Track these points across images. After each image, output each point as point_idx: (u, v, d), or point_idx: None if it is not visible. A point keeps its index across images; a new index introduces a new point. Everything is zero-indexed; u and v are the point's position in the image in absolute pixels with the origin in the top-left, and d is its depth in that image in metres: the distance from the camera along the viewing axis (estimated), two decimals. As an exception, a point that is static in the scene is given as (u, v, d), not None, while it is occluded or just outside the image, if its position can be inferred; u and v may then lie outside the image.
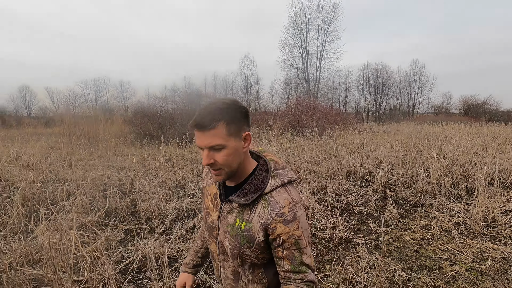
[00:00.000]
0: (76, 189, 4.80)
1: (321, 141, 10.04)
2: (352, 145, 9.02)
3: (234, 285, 1.04)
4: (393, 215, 3.97)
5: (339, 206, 4.45)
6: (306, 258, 0.92)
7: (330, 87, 32.47)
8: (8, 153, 8.54)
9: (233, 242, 0.95)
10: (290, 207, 0.89)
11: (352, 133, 12.37)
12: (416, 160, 6.49)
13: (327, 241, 3.35)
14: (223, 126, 0.84)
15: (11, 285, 2.40)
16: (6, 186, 5.13)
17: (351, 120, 17.17)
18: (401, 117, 31.68)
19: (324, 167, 6.36)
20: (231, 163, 0.88)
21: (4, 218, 3.70)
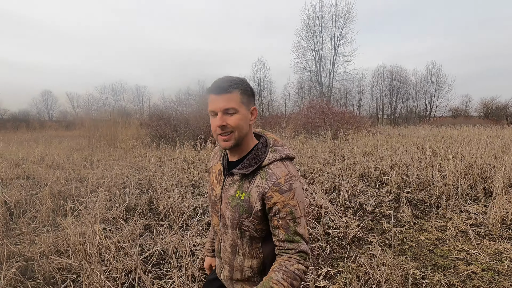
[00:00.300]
0: (97, 187, 5.03)
1: (334, 143, 10.02)
2: (366, 147, 8.96)
3: (231, 258, 1.08)
4: (407, 216, 3.96)
5: (352, 206, 4.46)
6: (300, 228, 0.96)
7: (344, 90, 32.21)
8: (33, 154, 9.00)
9: (233, 212, 1.01)
10: (286, 178, 0.95)
11: (366, 135, 12.25)
12: (431, 162, 6.39)
13: (340, 239, 3.39)
14: (238, 93, 0.95)
15: (42, 272, 2.58)
16: (34, 183, 5.43)
17: (365, 123, 16.98)
18: (417, 120, 30.99)
19: (337, 168, 6.37)
20: (241, 128, 0.96)
21: (33, 213, 3.95)
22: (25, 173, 6.19)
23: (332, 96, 26.55)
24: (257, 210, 0.96)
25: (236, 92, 0.95)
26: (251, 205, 0.97)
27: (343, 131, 11.49)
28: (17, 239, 3.32)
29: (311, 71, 26.60)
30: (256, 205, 0.96)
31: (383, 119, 34.21)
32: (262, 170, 0.97)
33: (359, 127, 15.39)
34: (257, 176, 0.97)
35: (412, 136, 13.46)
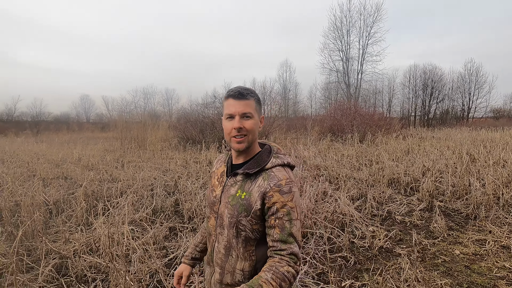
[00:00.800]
0: (127, 188, 5.27)
1: (361, 146, 9.68)
2: (395, 151, 8.56)
3: (224, 259, 1.10)
4: (440, 227, 3.71)
5: (379, 214, 4.28)
6: (295, 231, 1.00)
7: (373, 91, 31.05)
8: (71, 155, 9.64)
9: (232, 210, 1.06)
10: (287, 181, 1.02)
11: (396, 138, 11.71)
12: (469, 168, 5.95)
13: (366, 250, 3.26)
14: (254, 101, 1.07)
15: (75, 270, 2.74)
16: (71, 183, 5.81)
17: (395, 125, 16.24)
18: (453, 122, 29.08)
19: (364, 173, 6.15)
20: (254, 132, 1.06)
21: (69, 212, 4.22)
22: (63, 174, 6.64)
23: (360, 97, 25.71)
24: (256, 209, 1.02)
25: (252, 100, 1.06)
26: (251, 204, 1.02)
27: (371, 134, 11.07)
28: (55, 236, 3.56)
29: (338, 72, 25.99)
30: (256, 204, 1.02)
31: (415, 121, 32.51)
32: (265, 173, 1.05)
33: (389, 129, 14.76)
34: (260, 177, 1.05)
35: (447, 140, 12.65)
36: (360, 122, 13.21)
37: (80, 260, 2.82)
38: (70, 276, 2.69)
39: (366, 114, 15.20)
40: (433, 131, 20.60)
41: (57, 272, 2.77)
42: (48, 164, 7.58)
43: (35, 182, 5.34)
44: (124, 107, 40.47)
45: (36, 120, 36.85)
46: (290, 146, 9.71)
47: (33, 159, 8.90)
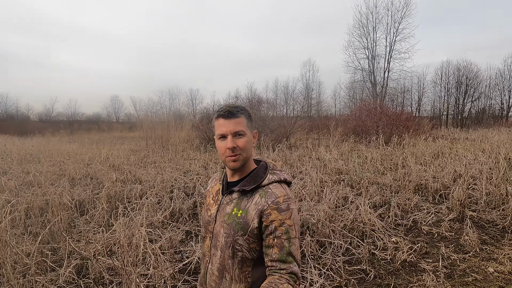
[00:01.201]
0: (148, 190, 5.41)
1: (386, 149, 9.27)
2: (424, 155, 8.09)
3: (218, 282, 1.07)
4: (472, 240, 3.42)
5: (404, 224, 4.03)
6: (294, 250, 0.97)
7: (401, 90, 29.73)
8: (100, 154, 10.09)
9: (228, 230, 1.03)
10: (285, 198, 1.00)
11: (425, 140, 11.09)
12: (506, 175, 5.47)
13: (388, 263, 3.07)
14: (245, 118, 1.05)
15: (94, 271, 2.83)
16: (96, 183, 6.07)
17: (425, 126, 15.41)
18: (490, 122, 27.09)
19: (388, 178, 5.85)
20: (248, 149, 1.05)
21: (93, 212, 4.39)
22: (90, 174, 6.95)
23: (387, 96, 24.70)
24: (253, 228, 0.99)
25: (243, 117, 1.05)
26: (248, 222, 1.00)
27: (397, 136, 10.56)
28: (79, 235, 3.71)
29: (363, 71, 25.11)
30: (253, 222, 0.99)
31: (448, 120, 30.70)
32: (261, 189, 1.03)
33: (418, 130, 14.02)
34: (256, 194, 1.02)
35: (482, 142, 11.78)
36: (386, 122, 12.66)
37: (99, 262, 2.90)
38: (88, 278, 2.78)
39: (393, 114, 14.54)
40: (467, 131, 19.33)
41: (77, 273, 2.87)
42: (77, 164, 7.98)
43: (64, 181, 5.63)
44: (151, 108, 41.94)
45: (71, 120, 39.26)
46: (311, 148, 9.51)
47: (64, 158, 9.43)
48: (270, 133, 12.15)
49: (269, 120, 13.41)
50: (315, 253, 3.21)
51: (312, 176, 5.59)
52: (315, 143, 11.87)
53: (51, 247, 3.32)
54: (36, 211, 4.28)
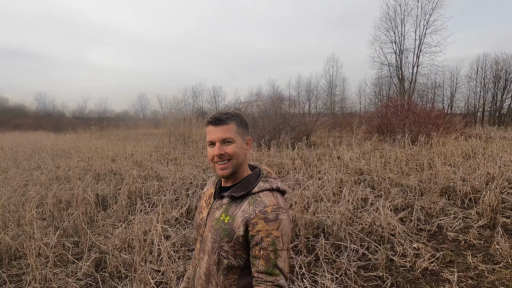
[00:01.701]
0: (169, 186, 5.54)
1: (413, 149, 8.82)
2: (453, 155, 7.60)
3: (204, 286, 1.06)
4: (504, 250, 3.15)
5: (427, 229, 3.81)
6: (280, 262, 0.94)
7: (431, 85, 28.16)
8: (125, 150, 10.50)
9: (215, 235, 1.02)
10: (274, 208, 0.96)
11: (456, 139, 10.43)
12: (548, 179, 5.00)
13: (407, 271, 2.91)
14: (234, 124, 1.04)
15: (110, 265, 2.93)
16: (120, 179, 6.31)
17: (457, 123, 14.49)
18: (533, 119, 24.95)
19: (413, 180, 5.56)
20: (238, 156, 1.03)
21: (115, 207, 4.56)
22: (114, 169, 7.25)
23: (416, 92, 23.49)
24: (239, 236, 0.97)
25: (232, 124, 1.04)
26: (233, 229, 0.98)
27: (425, 134, 10.00)
28: (100, 230, 3.87)
29: (390, 66, 24.03)
30: (239, 230, 0.97)
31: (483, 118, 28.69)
32: (251, 197, 1.00)
33: (449, 128, 13.22)
34: (245, 201, 1.00)
35: (522, 141, 10.87)
36: (413, 120, 12.04)
37: (116, 256, 3.00)
38: (105, 272, 2.89)
39: (422, 111, 13.80)
40: (505, 130, 17.94)
41: (96, 266, 2.99)
42: (103, 160, 8.35)
43: (89, 177, 5.91)
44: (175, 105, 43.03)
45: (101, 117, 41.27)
46: (332, 146, 9.27)
47: (92, 154, 9.92)
48: (291, 131, 12.00)
49: (289, 117, 13.25)
50: (329, 256, 3.12)
51: (331, 176, 5.43)
52: (337, 141, 11.56)
53: (73, 241, 3.49)
54: (63, 204, 4.53)
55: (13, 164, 8.00)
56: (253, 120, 13.13)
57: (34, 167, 7.74)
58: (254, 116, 13.66)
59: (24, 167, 7.65)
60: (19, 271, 2.95)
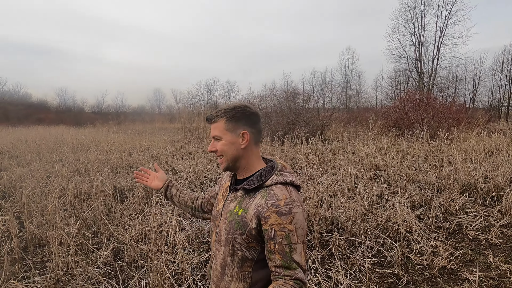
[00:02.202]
0: (184, 179, 5.63)
1: (431, 144, 8.54)
2: (475, 151, 7.31)
3: (220, 277, 1.08)
4: (528, 250, 3.03)
5: (446, 227, 3.70)
6: (296, 256, 0.94)
7: (452, 78, 27.09)
8: (141, 144, 10.74)
9: (228, 227, 1.03)
10: (287, 201, 0.95)
11: (478, 135, 10.01)
12: None
13: (424, 269, 2.84)
14: (223, 122, 1.05)
15: (128, 255, 3.03)
16: (136, 172, 6.47)
17: (479, 118, 13.90)
18: None
19: (431, 176, 5.40)
20: (226, 152, 1.05)
21: (132, 200, 4.69)
22: (131, 163, 7.44)
23: (436, 86, 22.66)
24: (251, 228, 0.97)
25: (221, 121, 1.05)
26: (246, 222, 0.99)
27: (445, 130, 9.66)
28: (118, 221, 4.00)
29: (408, 59, 23.23)
30: (251, 222, 0.97)
31: (508, 113, 27.37)
32: (264, 190, 1.00)
33: (470, 123, 12.70)
34: (258, 194, 1.00)
35: (551, 137, 10.29)
36: (432, 115, 11.65)
37: (133, 247, 3.10)
38: (123, 261, 2.99)
39: (441, 105, 13.32)
40: (532, 125, 17.03)
41: (114, 255, 3.10)
42: (120, 153, 8.58)
43: (107, 170, 6.09)
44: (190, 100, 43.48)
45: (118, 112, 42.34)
46: (347, 141, 9.12)
47: (110, 148, 10.20)
48: (305, 126, 11.89)
49: (304, 112, 13.11)
50: (343, 252, 3.09)
51: (345, 171, 5.36)
52: (352, 136, 11.36)
53: (93, 231, 3.62)
54: (83, 196, 4.70)
55: (36, 157, 8.36)
56: (267, 114, 13.09)
57: (56, 160, 8.05)
58: (267, 111, 13.61)
59: (47, 160, 7.97)
60: (43, 258, 3.10)
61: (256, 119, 1.08)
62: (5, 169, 6.84)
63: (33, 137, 13.67)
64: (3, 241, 3.28)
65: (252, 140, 1.06)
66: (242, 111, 1.06)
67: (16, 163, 7.47)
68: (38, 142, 11.84)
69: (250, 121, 1.07)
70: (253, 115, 1.08)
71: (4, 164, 7.40)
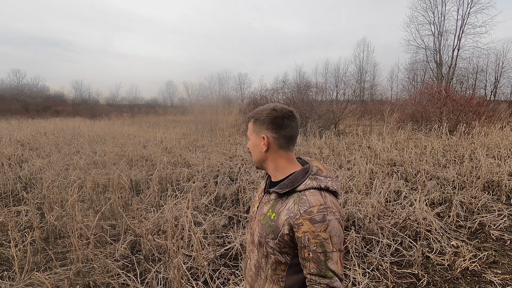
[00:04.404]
0: (196, 173, 5.66)
1: (451, 139, 8.25)
2: (498, 146, 7.01)
3: (254, 278, 1.08)
4: (557, 253, 2.88)
5: (468, 226, 3.57)
6: (332, 264, 0.91)
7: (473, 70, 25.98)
8: (155, 137, 10.87)
9: (261, 230, 1.02)
10: (320, 208, 0.91)
11: (501, 129, 9.60)
12: None
13: (445, 270, 2.76)
14: (251, 124, 1.08)
15: (145, 248, 3.07)
16: (151, 165, 6.56)
17: (502, 112, 13.31)
18: None
19: (451, 172, 5.21)
20: (253, 153, 1.09)
21: (147, 192, 4.76)
22: (146, 156, 7.53)
23: (455, 78, 21.80)
24: (283, 234, 0.95)
25: (250, 123, 1.09)
26: (278, 227, 0.96)
27: (465, 124, 9.30)
28: (134, 213, 4.06)
29: (427, 49, 22.38)
30: (283, 228, 0.95)
31: (533, 106, 26.07)
32: (297, 195, 0.96)
33: (492, 117, 12.19)
34: (291, 199, 0.97)
35: None
36: (451, 108, 11.23)
37: (150, 240, 3.14)
38: (140, 254, 3.03)
39: (461, 98, 12.81)
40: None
41: (131, 248, 3.15)
42: (135, 146, 8.71)
43: (123, 162, 6.18)
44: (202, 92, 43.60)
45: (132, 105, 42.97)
46: (362, 135, 8.93)
47: (125, 140, 10.38)
48: (318, 119, 11.72)
49: (317, 105, 12.91)
50: (360, 250, 3.03)
51: (361, 167, 5.25)
52: (367, 130, 11.12)
53: (110, 223, 3.69)
54: (100, 188, 4.79)
55: (55, 149, 8.60)
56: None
57: (73, 152, 8.25)
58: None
59: (65, 152, 8.18)
60: (63, 249, 3.19)
61: (282, 123, 1.01)
62: (26, 161, 7.07)
63: (51, 129, 14.07)
64: (25, 232, 3.39)
65: (274, 145, 1.02)
66: (266, 115, 1.03)
67: (36, 155, 7.70)
68: (56, 134, 12.18)
69: (273, 125, 1.02)
70: (278, 119, 1.01)
71: (25, 156, 7.65)
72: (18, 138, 10.39)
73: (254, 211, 1.13)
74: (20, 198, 4.64)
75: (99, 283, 2.45)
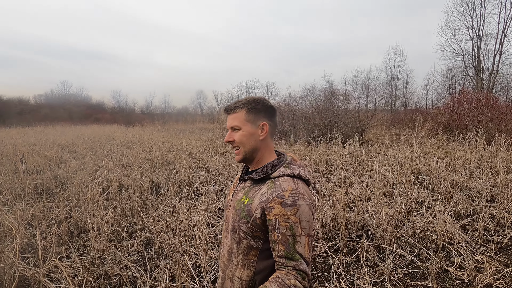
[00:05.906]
0: (214, 177, 5.80)
1: (488, 149, 7.64)
2: (542, 158, 6.37)
3: (226, 264, 1.11)
4: None
5: (497, 241, 3.27)
6: (300, 247, 0.94)
7: (519, 76, 23.91)
8: (181, 143, 11.29)
9: (235, 215, 1.06)
10: (292, 193, 0.95)
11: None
12: None
13: (464, 285, 2.55)
14: (244, 112, 1.06)
15: (157, 245, 3.20)
16: (173, 168, 6.82)
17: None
18: None
19: (484, 184, 4.83)
20: (244, 143, 1.06)
21: (167, 194, 4.95)
22: (169, 160, 7.85)
23: (498, 85, 20.24)
24: (256, 217, 0.98)
25: (241, 111, 1.06)
26: (251, 211, 1.00)
27: (506, 134, 8.56)
28: (153, 212, 4.25)
29: (464, 55, 21.09)
30: (256, 212, 0.98)
31: None
32: (270, 181, 1.01)
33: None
34: (265, 185, 1.02)
35: None
36: (491, 117, 10.43)
37: (162, 237, 3.27)
38: (151, 250, 3.16)
39: (503, 106, 11.85)
40: None
41: (145, 245, 3.29)
42: (161, 151, 9.12)
43: (147, 165, 6.50)
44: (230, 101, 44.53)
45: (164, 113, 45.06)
46: (388, 144, 8.58)
47: (153, 145, 10.90)
48: (343, 127, 11.45)
49: (342, 113, 12.64)
50: (371, 259, 2.91)
51: (382, 175, 5.04)
52: (394, 139, 10.66)
53: (129, 220, 3.89)
54: (124, 188, 5.08)
55: (90, 152, 9.26)
56: (304, 115, 12.88)
57: (106, 155, 8.84)
58: (304, 111, 13.38)
59: (99, 155, 8.79)
60: (85, 242, 3.42)
61: (274, 112, 1.11)
62: (64, 162, 7.70)
63: (89, 135, 15.18)
64: (52, 224, 3.69)
65: (269, 132, 1.09)
66: (262, 103, 1.08)
67: (73, 157, 8.35)
68: (93, 139, 13.12)
69: (269, 114, 1.09)
70: (271, 108, 1.11)
71: (64, 158, 8.33)
72: (60, 142, 11.35)
73: (229, 199, 1.17)
74: (54, 194, 5.05)
75: (110, 274, 2.60)
